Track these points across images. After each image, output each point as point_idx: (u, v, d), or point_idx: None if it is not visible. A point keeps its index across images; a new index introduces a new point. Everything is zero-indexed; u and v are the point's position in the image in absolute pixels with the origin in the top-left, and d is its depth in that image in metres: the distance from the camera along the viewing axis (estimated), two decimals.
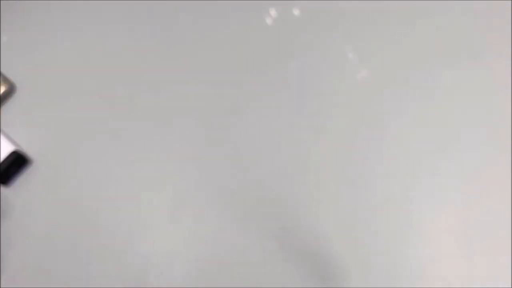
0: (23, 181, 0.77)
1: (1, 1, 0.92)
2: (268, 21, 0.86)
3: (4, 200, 0.76)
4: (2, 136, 0.77)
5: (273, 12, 0.86)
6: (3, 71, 0.85)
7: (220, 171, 0.75)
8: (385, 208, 0.69)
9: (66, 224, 0.74)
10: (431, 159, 0.72)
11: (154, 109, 0.81)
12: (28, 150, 0.79)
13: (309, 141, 0.76)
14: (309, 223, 0.70)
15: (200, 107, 0.81)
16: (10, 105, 0.83)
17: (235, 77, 0.83)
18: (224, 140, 0.78)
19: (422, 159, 0.72)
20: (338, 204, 0.70)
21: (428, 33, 0.82)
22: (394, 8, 0.84)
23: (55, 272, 0.70)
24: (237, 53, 0.85)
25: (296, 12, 0.86)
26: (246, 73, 0.83)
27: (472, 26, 0.81)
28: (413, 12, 0.84)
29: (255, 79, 0.82)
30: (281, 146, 0.76)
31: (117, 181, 0.76)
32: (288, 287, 0.66)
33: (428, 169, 0.71)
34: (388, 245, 0.67)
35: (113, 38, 0.89)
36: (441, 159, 0.71)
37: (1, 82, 0.82)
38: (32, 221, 0.74)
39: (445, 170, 0.70)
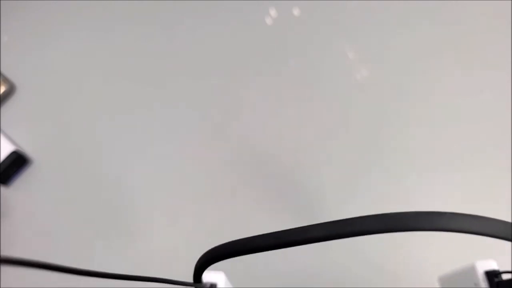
0: (23, 181, 0.77)
1: (2, 1, 0.92)
2: (268, 21, 0.86)
3: (4, 200, 0.76)
4: (2, 136, 0.77)
5: (273, 12, 0.86)
6: (3, 71, 0.85)
7: (220, 171, 0.75)
8: (384, 207, 0.69)
9: (66, 223, 0.74)
10: (431, 158, 0.71)
11: (154, 109, 0.81)
12: (28, 150, 0.79)
13: (308, 141, 0.75)
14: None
15: (200, 108, 0.81)
16: (10, 105, 0.83)
17: (235, 76, 0.83)
18: (224, 140, 0.77)
19: (422, 158, 0.72)
20: (337, 203, 0.70)
21: (428, 33, 0.82)
22: (394, 8, 0.84)
23: (55, 272, 0.70)
24: (237, 53, 0.84)
25: (296, 12, 0.86)
26: (246, 73, 0.83)
27: (472, 26, 0.81)
28: (413, 12, 0.84)
29: (255, 79, 0.82)
30: (280, 145, 0.75)
31: (117, 181, 0.76)
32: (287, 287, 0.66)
33: (428, 168, 0.71)
34: (388, 244, 0.67)
35: (114, 38, 0.88)
36: (441, 158, 0.71)
37: (1, 82, 0.82)
38: (32, 221, 0.74)
39: (445, 169, 0.70)
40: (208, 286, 0.37)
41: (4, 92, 0.82)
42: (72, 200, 0.75)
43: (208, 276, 0.38)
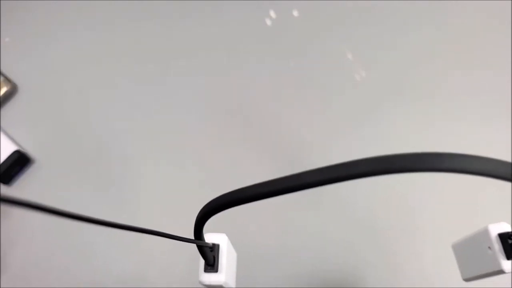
0: (25, 180, 0.78)
1: (2, 1, 0.92)
2: (268, 22, 0.86)
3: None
4: (4, 136, 0.78)
5: (272, 13, 0.86)
6: (5, 71, 0.85)
7: (219, 172, 0.75)
8: (383, 207, 0.70)
9: (67, 224, 0.74)
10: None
11: (155, 109, 0.82)
12: (29, 149, 0.79)
13: (308, 141, 0.76)
14: (308, 227, 0.70)
15: (200, 108, 0.81)
16: (12, 106, 0.84)
17: (234, 77, 0.83)
18: (224, 141, 0.78)
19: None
20: (335, 203, 0.70)
21: (428, 33, 0.82)
22: (393, 8, 0.84)
23: (56, 272, 0.71)
24: (237, 54, 0.85)
25: (295, 13, 0.86)
26: (245, 73, 0.83)
27: (472, 26, 0.81)
28: (412, 12, 0.84)
29: (254, 79, 0.82)
30: (280, 145, 0.76)
31: (118, 181, 0.77)
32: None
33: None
34: (387, 243, 0.67)
35: (115, 37, 0.89)
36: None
37: (3, 83, 0.83)
38: (33, 221, 0.75)
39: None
40: (210, 245, 0.37)
41: (6, 92, 0.83)
42: (74, 199, 0.76)
43: (210, 237, 0.38)
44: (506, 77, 0.76)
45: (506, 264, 0.37)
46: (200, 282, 0.37)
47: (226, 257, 0.38)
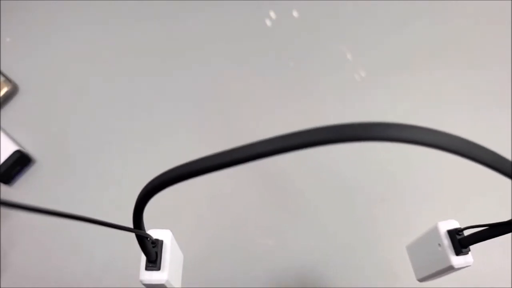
0: (25, 180, 0.78)
1: (3, 1, 0.92)
2: (268, 22, 0.86)
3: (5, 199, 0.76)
4: (4, 136, 0.78)
5: (272, 14, 0.87)
6: (6, 72, 0.85)
7: (219, 173, 0.75)
8: (382, 206, 0.70)
9: (68, 224, 0.74)
10: (427, 160, 0.72)
11: (156, 108, 0.82)
12: (30, 150, 0.79)
13: None
14: (306, 230, 0.70)
15: (199, 108, 0.81)
16: (12, 106, 0.84)
17: (233, 77, 0.83)
18: (222, 140, 0.78)
19: (420, 160, 0.72)
20: (334, 204, 0.71)
21: (427, 34, 0.82)
22: (393, 8, 0.84)
23: (56, 272, 0.71)
24: (236, 54, 0.85)
25: (295, 13, 0.86)
26: (245, 74, 0.83)
27: (471, 26, 0.82)
28: (412, 12, 0.84)
29: (254, 80, 0.82)
30: None
31: (118, 180, 0.77)
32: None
33: (424, 169, 0.71)
34: (387, 243, 0.67)
35: (116, 38, 0.89)
36: (437, 159, 0.71)
37: (4, 83, 0.83)
38: (33, 221, 0.75)
39: (441, 170, 0.71)
40: (152, 238, 0.33)
41: (6, 93, 0.83)
42: (74, 199, 0.76)
43: (153, 233, 0.35)
44: (506, 77, 0.76)
45: (455, 259, 0.38)
46: (141, 282, 0.33)
47: (170, 254, 0.34)
